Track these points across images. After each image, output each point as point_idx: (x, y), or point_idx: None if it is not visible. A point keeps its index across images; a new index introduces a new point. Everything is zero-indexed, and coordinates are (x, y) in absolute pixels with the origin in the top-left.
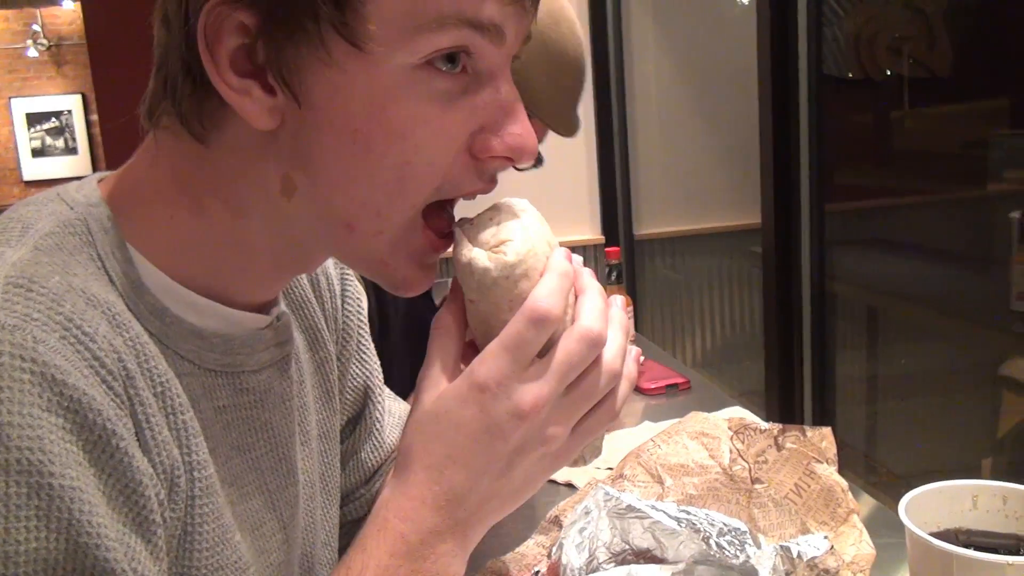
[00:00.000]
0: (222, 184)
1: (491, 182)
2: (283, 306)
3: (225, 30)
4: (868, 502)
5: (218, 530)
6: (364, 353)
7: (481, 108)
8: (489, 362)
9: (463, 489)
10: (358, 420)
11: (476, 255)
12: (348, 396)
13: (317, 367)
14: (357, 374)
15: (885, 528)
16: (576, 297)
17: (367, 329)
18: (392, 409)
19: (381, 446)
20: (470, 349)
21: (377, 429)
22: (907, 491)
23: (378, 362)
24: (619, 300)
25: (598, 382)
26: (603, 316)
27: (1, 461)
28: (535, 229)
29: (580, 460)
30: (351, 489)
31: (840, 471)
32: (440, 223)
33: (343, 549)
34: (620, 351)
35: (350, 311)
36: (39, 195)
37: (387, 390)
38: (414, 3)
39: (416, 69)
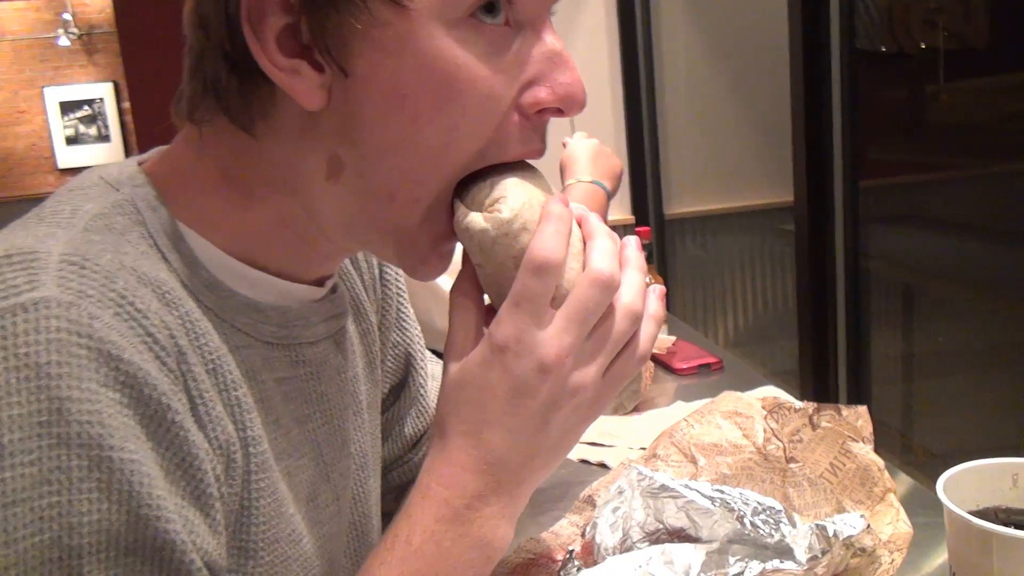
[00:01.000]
0: (271, 172)
1: (542, 142)
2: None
3: (269, 10)
4: (905, 481)
5: (274, 504)
6: (404, 321)
7: (527, 61)
8: (504, 321)
9: (501, 450)
10: (401, 388)
11: (472, 217)
12: (390, 364)
13: (360, 338)
14: (398, 342)
15: (922, 507)
16: (585, 243)
17: (406, 297)
18: (435, 373)
19: (426, 411)
20: (491, 315)
21: (421, 395)
22: (945, 470)
23: (419, 328)
24: (634, 240)
25: (619, 325)
26: (614, 257)
27: (63, 435)
28: (531, 183)
29: (620, 407)
30: (397, 455)
31: (876, 450)
32: None
33: (389, 514)
34: (639, 291)
35: (388, 280)
36: (79, 179)
37: (428, 354)
38: None
39: (460, 24)
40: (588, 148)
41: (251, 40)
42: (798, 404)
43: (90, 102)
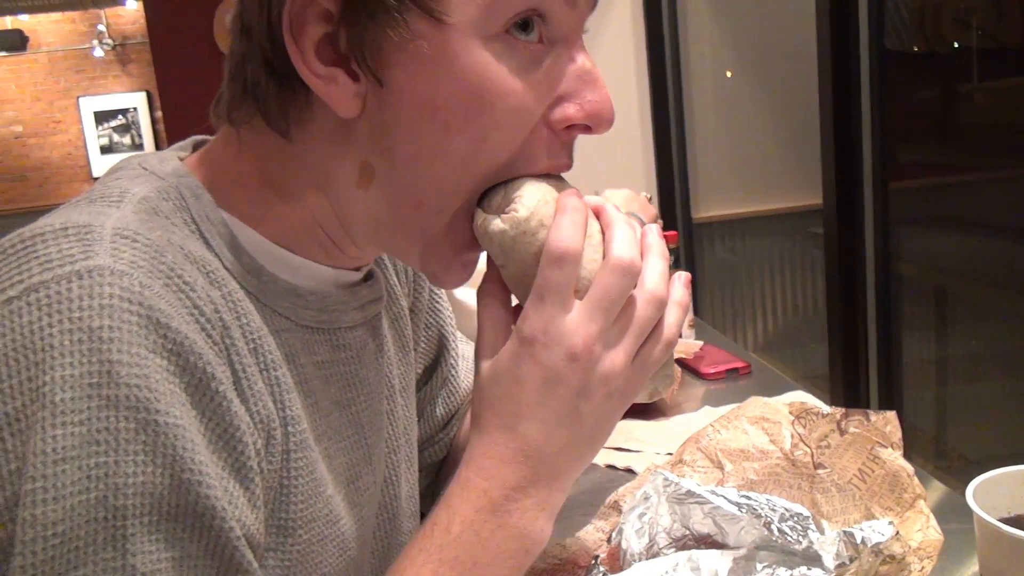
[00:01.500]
0: (305, 175)
1: (569, 158)
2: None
3: (309, 20)
4: (937, 488)
5: (312, 484)
6: (437, 303)
7: (558, 77)
8: (530, 315)
9: (538, 442)
10: (433, 369)
11: (489, 221)
12: (422, 346)
13: (392, 322)
14: (431, 324)
15: (954, 514)
16: (605, 232)
17: None
18: (465, 353)
19: (456, 391)
20: (519, 314)
21: (452, 376)
22: (978, 476)
23: (451, 309)
24: (655, 227)
25: (643, 310)
26: (634, 244)
27: (112, 397)
28: (545, 182)
29: (655, 392)
30: (429, 435)
31: (908, 456)
32: None
33: (423, 493)
34: (662, 276)
35: None
36: (121, 166)
37: (459, 334)
38: None
39: (495, 39)
40: (622, 194)
41: (291, 48)
42: (826, 409)
43: (124, 111)
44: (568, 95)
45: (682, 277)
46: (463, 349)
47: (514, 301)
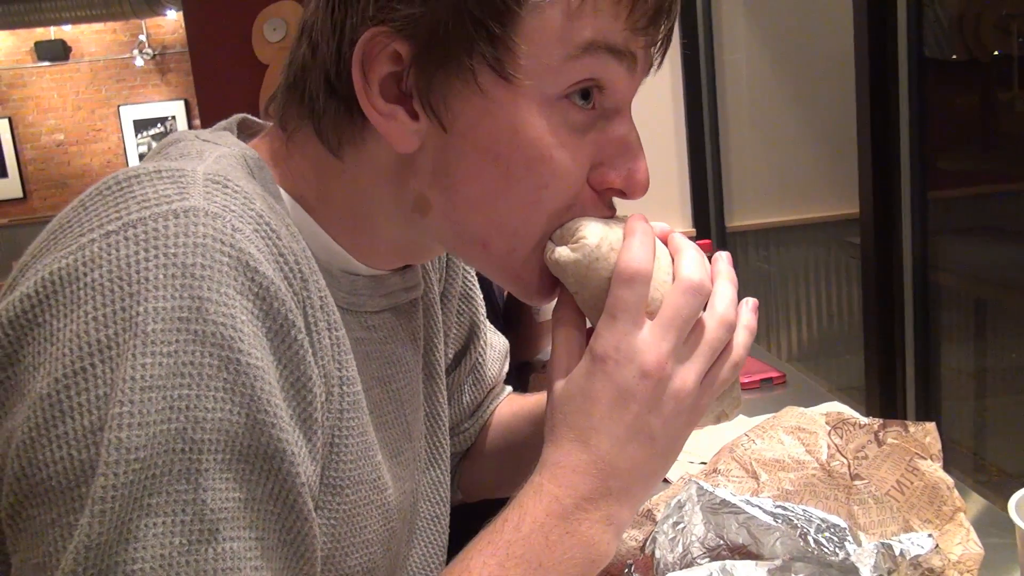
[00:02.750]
0: (353, 194)
1: (610, 208)
2: None
3: (379, 58)
4: (976, 500)
5: (362, 445)
6: (470, 291)
7: (605, 142)
8: (603, 334)
9: (611, 457)
10: (462, 355)
11: (560, 252)
12: (453, 332)
13: (426, 309)
14: (463, 311)
15: (995, 528)
16: (674, 257)
17: (471, 269)
18: (493, 342)
19: (483, 379)
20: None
21: (480, 364)
22: (1020, 490)
23: (482, 297)
24: (725, 255)
25: (714, 332)
26: (703, 267)
27: (199, 332)
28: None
29: (723, 415)
30: (456, 423)
31: (946, 468)
32: None
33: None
34: (731, 302)
35: None
36: (178, 137)
37: (488, 324)
38: (562, 36)
39: (556, 100)
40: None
41: (357, 80)
42: (863, 420)
43: (163, 120)
44: (609, 161)
45: (750, 303)
46: (491, 339)
47: (588, 324)
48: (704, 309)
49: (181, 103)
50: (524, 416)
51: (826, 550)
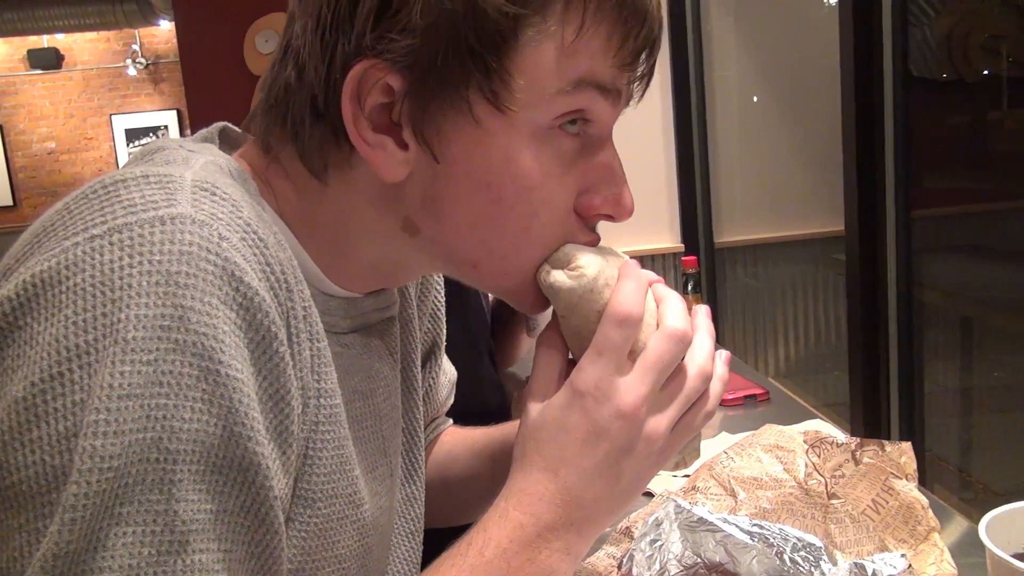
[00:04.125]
0: (336, 217)
1: (595, 234)
2: None
3: (371, 90)
4: (959, 521)
5: (338, 459)
6: (438, 311)
7: (590, 170)
8: (586, 368)
9: (577, 490)
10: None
11: (557, 277)
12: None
13: (404, 324)
14: (429, 330)
15: (974, 548)
16: (657, 305)
17: (443, 288)
18: (447, 368)
19: (432, 402)
20: (571, 367)
21: (432, 387)
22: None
23: (445, 322)
24: (704, 308)
25: (692, 382)
26: (686, 317)
27: (180, 341)
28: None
29: (682, 463)
30: None
31: (931, 486)
32: None
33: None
34: (709, 354)
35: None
36: (161, 145)
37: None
38: (556, 70)
39: (548, 129)
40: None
41: (347, 111)
42: (841, 439)
43: (155, 129)
44: (594, 188)
45: (723, 355)
46: (446, 365)
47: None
48: (683, 358)
49: (174, 113)
50: (468, 448)
51: (802, 569)
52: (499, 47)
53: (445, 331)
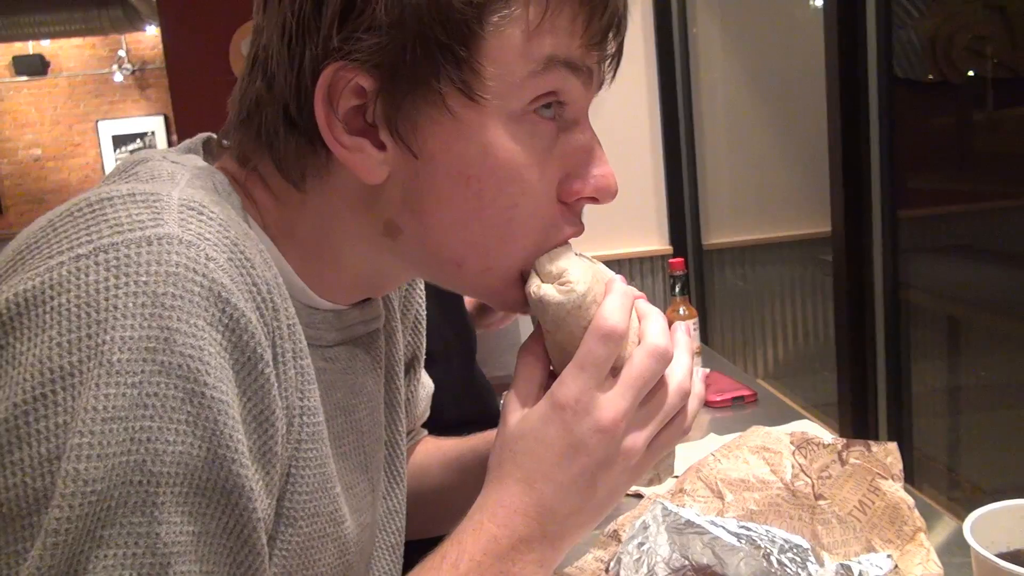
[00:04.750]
0: (318, 225)
1: (581, 224)
2: None
3: (343, 93)
4: (946, 520)
5: (319, 477)
6: (419, 324)
7: (569, 153)
8: (568, 382)
9: (552, 502)
10: None
11: (546, 291)
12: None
13: (388, 337)
14: (410, 342)
15: (960, 547)
16: (639, 321)
17: (424, 300)
18: (425, 381)
19: (410, 414)
20: (552, 379)
21: (411, 398)
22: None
23: (425, 335)
24: (683, 325)
25: (670, 398)
26: (667, 334)
27: (165, 363)
28: (581, 257)
29: (656, 479)
30: None
31: (920, 485)
32: None
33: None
34: (688, 370)
35: (414, 280)
36: (145, 157)
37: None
38: (523, 54)
39: (523, 116)
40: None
41: (321, 117)
42: (827, 439)
43: (142, 135)
44: (575, 171)
45: (700, 372)
46: (424, 377)
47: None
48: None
49: (161, 119)
50: (439, 460)
51: (789, 570)
52: (466, 37)
53: (425, 343)
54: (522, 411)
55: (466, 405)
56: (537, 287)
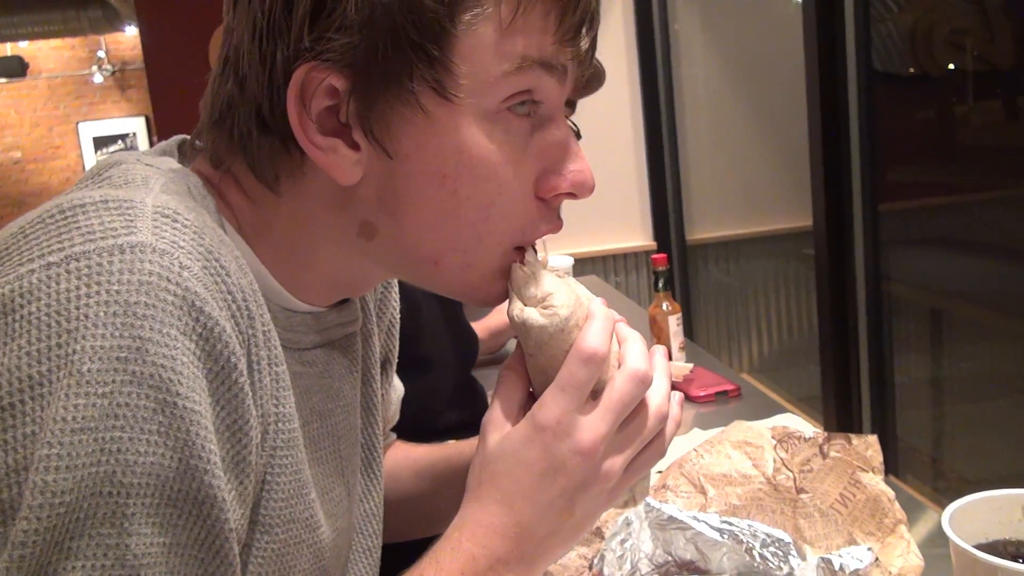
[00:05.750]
0: (293, 227)
1: (558, 221)
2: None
3: (316, 94)
4: (928, 513)
5: (295, 484)
6: (393, 328)
7: (545, 149)
8: (549, 404)
9: (530, 523)
10: None
11: (530, 314)
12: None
13: (364, 340)
14: (384, 345)
15: (942, 538)
16: (620, 345)
17: (399, 304)
18: (396, 384)
19: (382, 419)
20: (532, 399)
21: (384, 403)
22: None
23: (398, 340)
24: (662, 349)
25: (650, 423)
26: (647, 358)
27: (137, 373)
28: (563, 280)
29: (631, 500)
30: None
31: (905, 476)
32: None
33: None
34: (666, 395)
35: (390, 284)
36: (120, 160)
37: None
38: (496, 52)
39: (497, 114)
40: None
41: (294, 118)
42: (808, 433)
43: (123, 136)
44: (552, 167)
45: (677, 396)
46: (395, 381)
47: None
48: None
49: (142, 119)
50: (409, 467)
51: (771, 564)
52: (438, 35)
53: (397, 352)
54: (502, 431)
55: (459, 411)
56: (520, 310)
